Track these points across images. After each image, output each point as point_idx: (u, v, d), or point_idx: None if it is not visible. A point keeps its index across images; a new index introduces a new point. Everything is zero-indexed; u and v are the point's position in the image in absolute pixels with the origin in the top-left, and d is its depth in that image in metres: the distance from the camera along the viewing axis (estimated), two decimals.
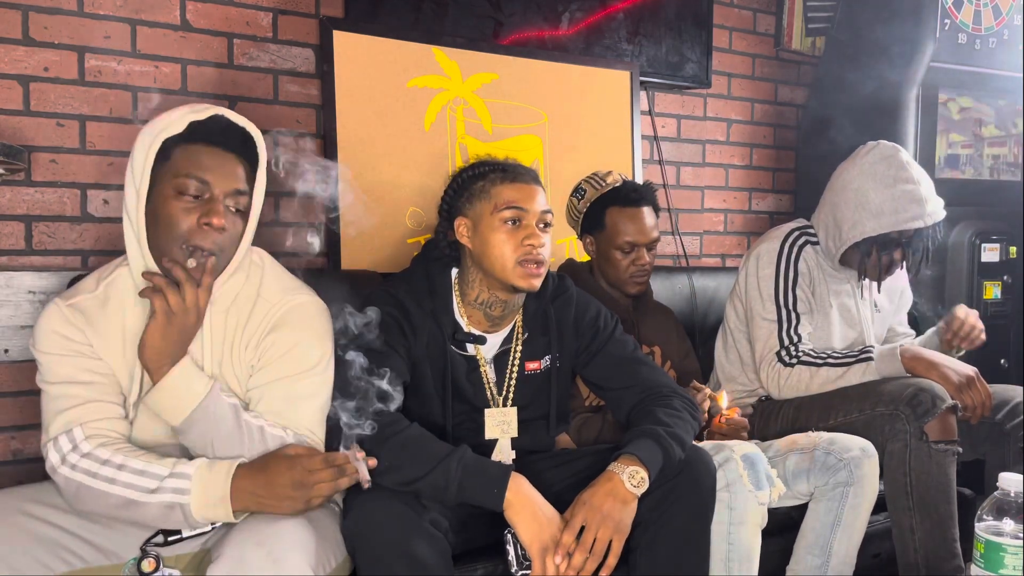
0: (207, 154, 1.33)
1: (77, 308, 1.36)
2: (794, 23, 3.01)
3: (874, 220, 1.95)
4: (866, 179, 1.97)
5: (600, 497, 1.36)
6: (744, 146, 3.02)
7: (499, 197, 1.53)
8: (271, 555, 1.17)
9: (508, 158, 1.64)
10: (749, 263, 2.11)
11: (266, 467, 1.27)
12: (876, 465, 1.75)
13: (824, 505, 1.73)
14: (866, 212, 1.95)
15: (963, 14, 2.67)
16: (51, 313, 1.36)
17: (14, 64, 1.86)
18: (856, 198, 1.97)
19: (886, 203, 1.94)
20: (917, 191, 1.94)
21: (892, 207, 1.93)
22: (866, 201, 1.96)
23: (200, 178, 1.31)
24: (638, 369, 1.65)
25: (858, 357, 1.95)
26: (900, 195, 1.93)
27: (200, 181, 1.31)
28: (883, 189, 1.95)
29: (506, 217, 1.52)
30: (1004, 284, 2.77)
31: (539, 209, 1.54)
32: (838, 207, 2.01)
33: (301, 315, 1.42)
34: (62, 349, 1.33)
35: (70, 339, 1.34)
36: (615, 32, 2.57)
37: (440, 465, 1.34)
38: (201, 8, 2.05)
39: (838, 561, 1.73)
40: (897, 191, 1.94)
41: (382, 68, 2.19)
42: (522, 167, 1.60)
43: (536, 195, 1.55)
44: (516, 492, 1.35)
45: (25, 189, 1.89)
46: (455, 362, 1.59)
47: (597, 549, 1.34)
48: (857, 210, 1.97)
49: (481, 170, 1.58)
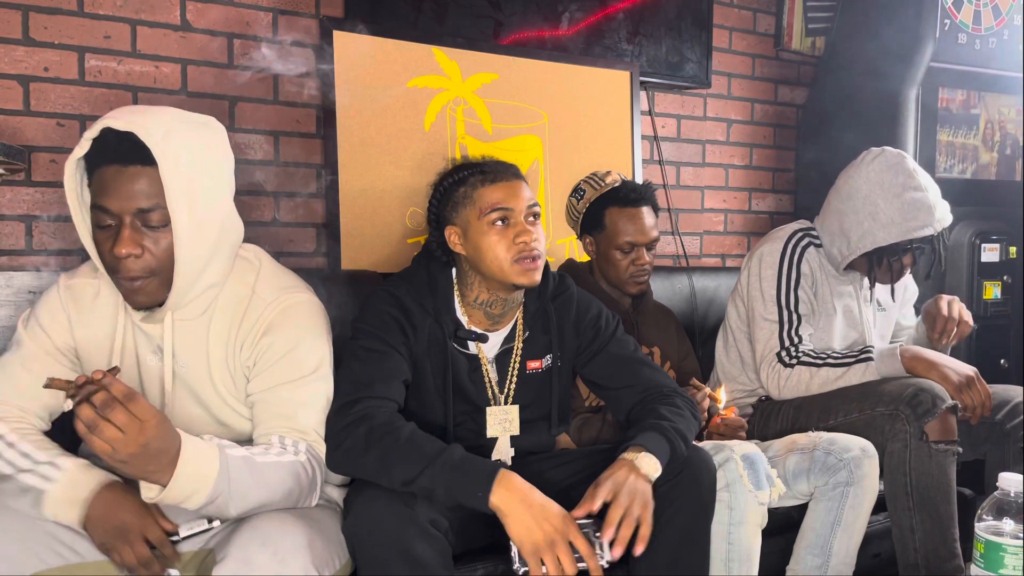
0: (110, 175, 1.24)
1: (72, 290, 1.39)
2: (794, 23, 3.01)
3: (884, 230, 1.94)
4: (873, 188, 1.96)
5: (622, 474, 1.35)
6: (744, 146, 3.02)
7: (483, 201, 1.52)
8: (276, 555, 1.17)
9: (485, 157, 1.62)
10: (751, 263, 2.10)
11: (127, 502, 1.23)
12: (876, 465, 1.75)
13: (824, 505, 1.73)
14: (875, 222, 1.94)
15: (963, 14, 2.67)
16: (49, 298, 1.40)
17: (14, 64, 1.86)
18: (865, 207, 1.96)
19: (896, 213, 1.93)
20: (926, 199, 1.93)
21: (901, 216, 1.92)
22: (875, 211, 1.95)
23: (102, 207, 1.25)
24: (639, 369, 1.65)
25: (858, 357, 1.94)
26: (909, 204, 1.92)
27: (103, 211, 1.25)
28: (892, 198, 1.93)
29: (493, 219, 1.51)
30: (1004, 284, 2.77)
31: (525, 204, 1.53)
32: (845, 215, 2.00)
33: (297, 315, 1.40)
34: (40, 340, 1.37)
35: (49, 336, 1.37)
36: (615, 32, 2.57)
37: (428, 467, 1.31)
38: (201, 8, 2.05)
39: (838, 561, 1.73)
40: (906, 200, 1.93)
41: (382, 68, 2.19)
42: (501, 165, 1.58)
43: (520, 191, 1.54)
44: (503, 493, 1.31)
45: (25, 189, 1.89)
46: (456, 361, 1.58)
47: (631, 515, 1.31)
48: (866, 220, 1.96)
49: (460, 176, 1.56)
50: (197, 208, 1.27)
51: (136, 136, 1.22)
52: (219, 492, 1.18)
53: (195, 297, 1.35)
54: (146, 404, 1.09)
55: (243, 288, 1.40)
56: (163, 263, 1.28)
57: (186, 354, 1.38)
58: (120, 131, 1.22)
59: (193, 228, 1.26)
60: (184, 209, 1.25)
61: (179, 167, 1.24)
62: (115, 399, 1.06)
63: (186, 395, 1.40)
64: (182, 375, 1.39)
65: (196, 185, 1.26)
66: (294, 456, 1.31)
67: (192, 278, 1.31)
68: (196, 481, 1.15)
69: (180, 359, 1.38)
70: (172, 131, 1.24)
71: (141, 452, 1.08)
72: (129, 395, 1.08)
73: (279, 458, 1.29)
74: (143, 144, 1.22)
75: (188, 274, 1.29)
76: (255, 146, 2.13)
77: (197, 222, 1.27)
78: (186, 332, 1.37)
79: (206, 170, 1.29)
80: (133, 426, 1.06)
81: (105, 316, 1.39)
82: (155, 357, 1.38)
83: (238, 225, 1.40)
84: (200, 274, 1.32)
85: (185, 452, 1.14)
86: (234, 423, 1.41)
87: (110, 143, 1.24)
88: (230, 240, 1.37)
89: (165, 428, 1.11)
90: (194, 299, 1.35)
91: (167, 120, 1.26)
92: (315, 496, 1.37)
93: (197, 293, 1.34)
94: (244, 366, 1.39)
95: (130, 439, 1.06)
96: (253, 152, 2.12)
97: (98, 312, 1.38)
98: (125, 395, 1.07)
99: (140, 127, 1.22)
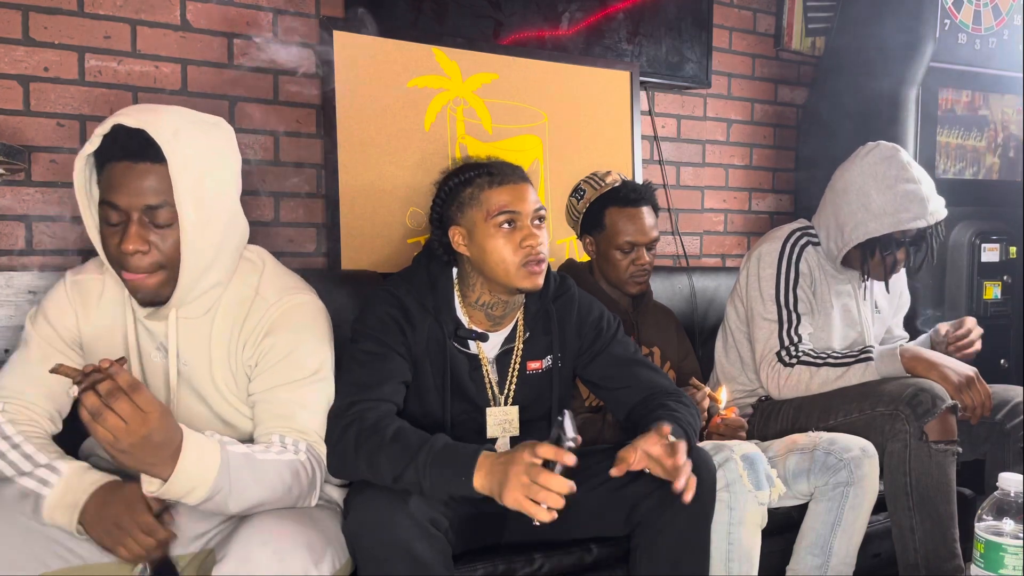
0: (119, 171, 1.25)
1: (79, 286, 1.40)
2: (794, 23, 3.01)
3: (876, 221, 1.95)
4: (867, 180, 1.97)
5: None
6: (744, 146, 3.02)
7: (490, 203, 1.51)
8: (277, 554, 1.18)
9: (491, 158, 1.61)
10: (750, 263, 2.11)
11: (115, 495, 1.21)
12: (876, 465, 1.75)
13: (824, 505, 1.73)
14: (868, 213, 1.96)
15: (963, 14, 2.67)
16: (56, 294, 1.40)
17: (14, 64, 1.86)
18: (858, 199, 1.98)
19: (888, 203, 1.94)
20: (919, 191, 1.94)
21: (894, 207, 1.94)
22: (868, 202, 1.96)
23: (111, 203, 1.25)
24: (639, 370, 1.65)
25: (858, 357, 1.95)
26: (902, 195, 1.94)
27: (112, 207, 1.25)
28: (885, 190, 1.95)
29: (500, 222, 1.50)
30: (1004, 284, 2.77)
31: (532, 208, 1.53)
32: (839, 208, 2.02)
33: (299, 316, 1.41)
34: (47, 336, 1.38)
35: (56, 330, 1.38)
36: (615, 32, 2.57)
37: (412, 462, 1.29)
38: (201, 8, 2.05)
39: (838, 561, 1.73)
40: (899, 191, 1.94)
41: (382, 68, 2.19)
42: (508, 167, 1.57)
43: (527, 194, 1.53)
44: (487, 472, 1.26)
45: (25, 189, 1.89)
46: (457, 360, 1.58)
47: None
48: (859, 211, 1.97)
49: (467, 176, 1.54)
50: (204, 206, 1.27)
51: (147, 133, 1.23)
52: (220, 488, 1.18)
53: (199, 295, 1.35)
54: (150, 396, 1.10)
55: (246, 288, 1.40)
56: (169, 260, 1.28)
57: (189, 352, 1.38)
58: (131, 128, 1.23)
59: (200, 226, 1.27)
60: (191, 207, 1.25)
61: (188, 165, 1.24)
62: (120, 388, 1.07)
63: (189, 393, 1.40)
64: (185, 373, 1.39)
65: (204, 184, 1.27)
66: (294, 455, 1.31)
67: (197, 275, 1.31)
68: (197, 476, 1.15)
69: (183, 357, 1.38)
70: (182, 130, 1.25)
71: (143, 443, 1.08)
72: (134, 385, 1.08)
73: (279, 456, 1.29)
74: (153, 141, 1.22)
75: (193, 271, 1.30)
76: (255, 146, 2.13)
77: (204, 220, 1.27)
78: (189, 330, 1.37)
79: (214, 170, 1.29)
80: (136, 416, 1.07)
81: (111, 312, 1.39)
82: (159, 354, 1.39)
83: (243, 226, 1.41)
84: (205, 272, 1.32)
85: (187, 446, 1.14)
86: (237, 422, 1.42)
87: (120, 140, 1.24)
88: (235, 240, 1.38)
89: (167, 421, 1.12)
90: (198, 297, 1.35)
91: (177, 119, 1.26)
92: (315, 496, 1.36)
93: (201, 291, 1.35)
94: (246, 366, 1.39)
95: (132, 429, 1.07)
96: (253, 152, 2.12)
97: (104, 308, 1.39)
98: (130, 385, 1.08)
99: (151, 125, 1.23)
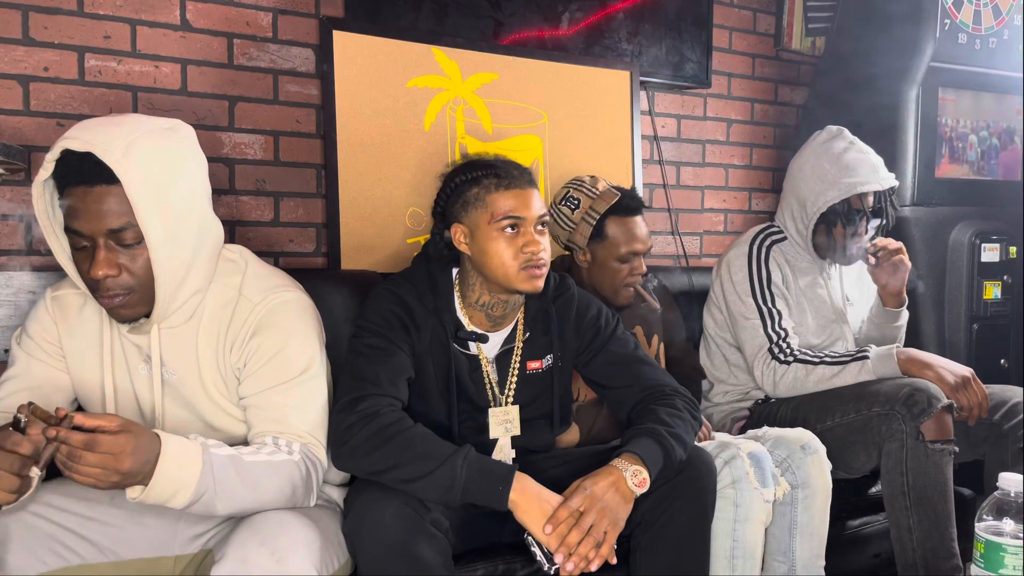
0: (77, 196, 1.20)
1: (59, 301, 1.38)
2: (794, 23, 3.01)
3: (834, 188, 2.05)
4: (820, 156, 2.12)
5: (602, 487, 1.36)
6: (744, 146, 3.01)
7: (495, 207, 1.50)
8: (275, 554, 1.17)
9: (499, 157, 1.59)
10: (722, 270, 2.17)
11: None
12: (822, 461, 1.70)
13: (779, 510, 1.68)
14: (825, 183, 2.07)
15: (963, 14, 2.67)
16: (37, 312, 1.39)
17: (14, 64, 1.86)
18: (814, 173, 2.10)
19: (841, 171, 2.06)
20: (868, 158, 2.09)
21: (847, 173, 2.06)
22: (823, 173, 2.08)
23: (75, 230, 1.21)
24: (639, 368, 1.65)
25: (854, 356, 1.96)
26: (853, 161, 2.07)
27: (76, 233, 1.22)
28: (836, 160, 2.09)
29: (503, 226, 1.50)
30: (1004, 284, 2.77)
31: (536, 213, 1.52)
32: (799, 188, 2.14)
33: (285, 315, 1.38)
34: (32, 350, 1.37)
35: (41, 346, 1.37)
36: (615, 32, 2.57)
37: (446, 464, 1.32)
38: (201, 8, 2.05)
39: (803, 565, 1.69)
40: (850, 158, 2.08)
41: (382, 68, 2.19)
42: (516, 169, 1.55)
43: (532, 199, 1.52)
44: (521, 491, 1.34)
45: (25, 189, 1.89)
46: (458, 360, 1.58)
47: (595, 533, 1.33)
48: (816, 183, 2.09)
49: (473, 175, 1.54)
50: (171, 219, 1.23)
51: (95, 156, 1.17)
52: (204, 490, 1.17)
53: (180, 305, 1.33)
54: (110, 439, 1.08)
55: (229, 290, 1.38)
56: (142, 279, 1.26)
57: (175, 361, 1.36)
58: (80, 151, 1.17)
59: (169, 241, 1.23)
60: (157, 223, 1.21)
61: (147, 180, 1.19)
62: (78, 449, 1.06)
63: (176, 402, 1.38)
64: (172, 383, 1.37)
65: (167, 196, 1.22)
66: (287, 455, 1.30)
67: (173, 289, 1.28)
68: (178, 480, 1.15)
69: (169, 367, 1.36)
70: (134, 144, 1.19)
71: (124, 479, 1.10)
72: (89, 442, 1.06)
73: (270, 457, 1.28)
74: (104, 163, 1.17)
75: (168, 286, 1.27)
76: (255, 146, 2.13)
77: (172, 234, 1.23)
78: (174, 339, 1.36)
79: (177, 178, 1.24)
80: (108, 460, 1.07)
81: (92, 327, 1.37)
82: (146, 366, 1.37)
83: (217, 228, 1.37)
84: (181, 285, 1.30)
85: (165, 452, 1.14)
86: (227, 427, 1.40)
87: (72, 164, 1.19)
88: (210, 244, 1.34)
89: (141, 446, 1.11)
90: (179, 307, 1.33)
91: (128, 132, 1.20)
92: (312, 497, 1.36)
93: (182, 301, 1.33)
94: (235, 368, 1.38)
95: (110, 471, 1.08)
96: (253, 152, 2.12)
97: (85, 323, 1.37)
98: (86, 443, 1.06)
99: (98, 145, 1.17)
